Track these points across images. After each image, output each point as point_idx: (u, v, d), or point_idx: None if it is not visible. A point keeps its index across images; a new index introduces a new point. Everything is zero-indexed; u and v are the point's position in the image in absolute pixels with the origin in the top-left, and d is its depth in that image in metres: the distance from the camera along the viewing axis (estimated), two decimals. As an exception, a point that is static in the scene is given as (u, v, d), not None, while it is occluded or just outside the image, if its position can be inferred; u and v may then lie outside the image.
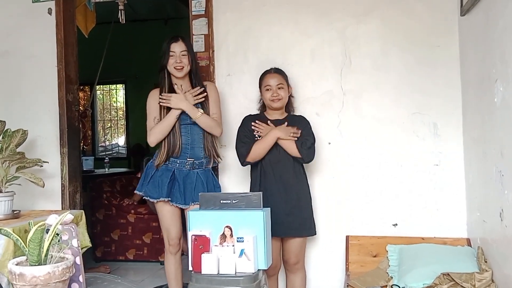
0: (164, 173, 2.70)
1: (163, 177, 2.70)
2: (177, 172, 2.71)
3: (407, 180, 2.89)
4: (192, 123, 2.72)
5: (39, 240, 1.43)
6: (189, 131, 2.73)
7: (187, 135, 2.72)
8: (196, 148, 2.74)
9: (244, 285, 2.13)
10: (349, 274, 2.76)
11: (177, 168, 2.71)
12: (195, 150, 2.74)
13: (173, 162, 2.71)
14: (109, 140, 8.63)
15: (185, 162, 2.71)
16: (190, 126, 2.73)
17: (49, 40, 3.26)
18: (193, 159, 2.72)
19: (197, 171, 2.73)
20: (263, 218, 2.25)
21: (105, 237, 4.49)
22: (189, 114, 2.68)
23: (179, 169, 2.71)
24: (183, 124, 2.72)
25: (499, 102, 2.13)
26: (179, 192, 2.69)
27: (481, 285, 2.22)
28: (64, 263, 1.49)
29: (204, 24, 3.12)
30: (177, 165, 2.71)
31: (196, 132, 2.73)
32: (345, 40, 2.98)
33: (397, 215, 2.90)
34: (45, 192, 3.18)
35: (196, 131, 2.73)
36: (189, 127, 2.73)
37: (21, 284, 1.44)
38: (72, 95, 3.32)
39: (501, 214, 2.14)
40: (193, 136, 2.73)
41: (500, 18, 2.11)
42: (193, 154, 2.73)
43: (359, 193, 2.94)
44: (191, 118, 2.69)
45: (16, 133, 2.86)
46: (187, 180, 2.71)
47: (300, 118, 2.81)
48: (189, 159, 2.72)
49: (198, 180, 2.72)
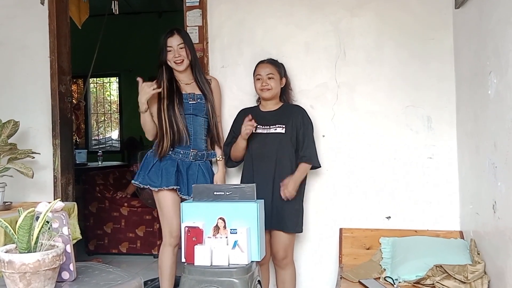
0: (169, 162, 2.67)
1: (168, 166, 2.66)
2: (180, 163, 2.69)
3: (400, 173, 2.90)
4: (195, 114, 2.70)
5: (29, 227, 1.41)
6: (191, 121, 2.71)
7: (190, 126, 2.70)
8: (198, 139, 2.73)
9: (237, 276, 2.13)
10: (342, 266, 2.76)
11: (180, 159, 2.69)
12: (198, 142, 2.72)
13: (177, 153, 2.68)
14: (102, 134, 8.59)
15: (188, 153, 2.69)
16: (193, 117, 2.71)
17: (42, 30, 3.22)
18: (196, 150, 2.71)
19: (199, 162, 2.72)
20: (256, 210, 2.25)
21: (98, 230, 4.48)
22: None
23: (182, 159, 2.69)
24: (186, 114, 2.69)
25: (492, 95, 2.13)
26: (183, 183, 2.67)
27: (473, 277, 2.23)
28: (54, 251, 1.47)
29: (198, 16, 3.10)
30: (181, 156, 2.69)
31: (198, 124, 2.72)
32: (340, 33, 2.97)
33: (391, 208, 2.90)
34: (37, 184, 3.15)
35: (198, 122, 2.72)
36: (192, 117, 2.71)
37: (10, 272, 1.42)
38: (65, 86, 3.30)
39: (493, 206, 2.15)
40: (196, 127, 2.72)
41: (494, 11, 2.11)
42: (196, 145, 2.71)
43: (353, 185, 2.94)
44: (193, 108, 2.69)
45: (8, 124, 2.84)
46: (189, 171, 2.69)
47: (296, 107, 2.77)
48: (193, 150, 2.70)
49: (199, 172, 2.71)
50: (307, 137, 2.69)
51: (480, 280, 2.23)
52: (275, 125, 2.69)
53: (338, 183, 2.96)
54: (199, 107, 2.73)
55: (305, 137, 2.68)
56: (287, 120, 2.68)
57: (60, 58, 3.25)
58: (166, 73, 2.74)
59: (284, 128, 2.67)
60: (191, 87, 2.77)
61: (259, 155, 2.68)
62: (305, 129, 2.69)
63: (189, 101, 2.72)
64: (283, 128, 2.67)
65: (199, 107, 2.73)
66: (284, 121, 2.66)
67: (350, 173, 2.95)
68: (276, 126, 2.68)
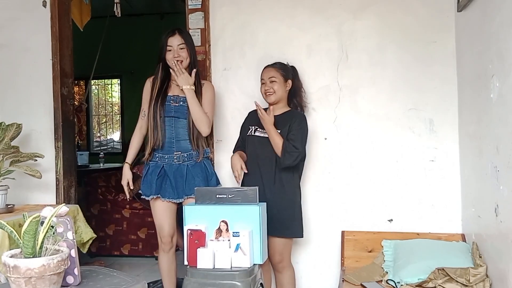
0: (154, 170, 2.69)
1: (152, 174, 2.69)
2: (167, 167, 2.68)
3: (402, 176, 2.90)
4: (176, 116, 2.67)
5: (34, 232, 1.41)
6: (173, 124, 2.68)
7: (171, 129, 2.68)
8: (182, 141, 2.69)
9: (240, 279, 2.13)
10: (344, 269, 2.76)
11: (166, 163, 2.68)
12: (181, 143, 2.69)
13: (161, 158, 2.69)
14: (104, 136, 8.59)
15: (172, 156, 2.68)
16: (174, 119, 2.68)
17: (44, 33, 3.24)
18: (180, 152, 2.68)
19: (187, 163, 2.68)
20: (259, 212, 2.25)
21: (100, 232, 4.46)
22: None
23: (168, 163, 2.68)
24: (167, 116, 2.67)
25: (495, 98, 2.13)
26: (171, 187, 2.67)
27: (475, 280, 2.23)
28: (59, 256, 1.47)
29: (201, 18, 3.10)
30: (166, 160, 2.68)
31: (181, 125, 2.68)
32: (342, 35, 2.97)
33: (393, 211, 2.90)
34: (39, 186, 3.16)
35: (180, 124, 2.68)
36: (173, 120, 2.68)
37: (15, 277, 1.42)
38: (67, 88, 3.30)
39: (496, 209, 2.15)
40: (177, 129, 2.69)
41: (497, 14, 2.11)
42: (179, 147, 2.68)
43: (355, 188, 2.94)
44: (175, 111, 2.66)
45: (10, 127, 2.85)
46: (177, 174, 2.67)
47: (295, 114, 2.70)
48: (176, 152, 2.68)
49: (189, 174, 2.66)
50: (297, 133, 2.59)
51: (482, 283, 2.23)
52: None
53: (340, 186, 2.96)
54: (181, 110, 2.68)
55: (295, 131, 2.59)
56: (284, 125, 2.62)
57: (62, 60, 3.26)
58: (162, 72, 2.74)
59: (279, 132, 2.59)
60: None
61: (256, 157, 2.66)
62: (295, 127, 2.60)
63: (171, 103, 2.69)
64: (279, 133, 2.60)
65: (181, 110, 2.68)
66: (281, 126, 2.61)
67: (352, 175, 2.95)
68: None
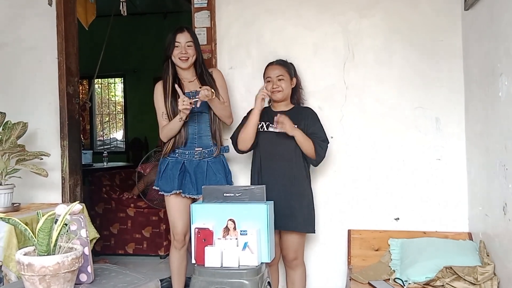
0: (174, 166, 2.69)
1: (173, 170, 2.69)
2: (187, 163, 2.69)
3: (409, 175, 2.89)
4: (199, 111, 2.68)
5: (49, 230, 1.41)
6: (196, 120, 2.70)
7: (194, 125, 2.70)
8: (204, 137, 2.72)
9: (247, 278, 2.13)
10: (351, 268, 2.76)
11: (186, 159, 2.69)
12: (203, 139, 2.71)
13: (182, 154, 2.70)
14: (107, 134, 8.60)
15: (193, 152, 2.69)
16: (197, 115, 2.70)
17: (50, 32, 3.23)
18: (201, 148, 2.70)
19: (207, 160, 2.71)
20: (266, 211, 2.25)
21: (104, 231, 4.47)
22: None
23: (189, 159, 2.69)
24: (191, 112, 2.66)
25: (503, 96, 2.13)
26: (191, 183, 2.67)
27: (483, 278, 2.23)
28: (74, 253, 1.48)
29: (207, 17, 3.10)
30: (187, 156, 2.69)
31: (204, 121, 2.71)
32: (348, 34, 2.97)
33: (399, 209, 2.90)
34: (45, 185, 3.16)
35: (203, 119, 2.71)
36: (196, 115, 2.70)
37: (30, 275, 1.42)
38: (73, 87, 3.30)
39: (504, 208, 2.15)
40: (200, 125, 2.71)
41: (505, 12, 2.11)
42: (201, 143, 2.71)
43: (361, 187, 2.94)
44: (197, 106, 2.62)
45: (17, 126, 2.85)
46: (198, 170, 2.68)
47: (306, 109, 2.77)
48: (197, 148, 2.70)
49: (209, 170, 2.69)
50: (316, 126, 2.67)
51: (490, 281, 2.23)
52: None
53: (347, 185, 2.96)
54: (203, 103, 2.65)
55: (314, 126, 2.67)
56: (299, 121, 2.64)
57: (68, 59, 3.26)
58: (172, 69, 2.74)
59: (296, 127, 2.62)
60: (193, 84, 2.75)
61: (269, 154, 2.66)
62: (312, 122, 2.68)
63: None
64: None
65: (203, 103, 2.65)
66: (296, 121, 2.62)
67: (358, 174, 2.94)
68: None
